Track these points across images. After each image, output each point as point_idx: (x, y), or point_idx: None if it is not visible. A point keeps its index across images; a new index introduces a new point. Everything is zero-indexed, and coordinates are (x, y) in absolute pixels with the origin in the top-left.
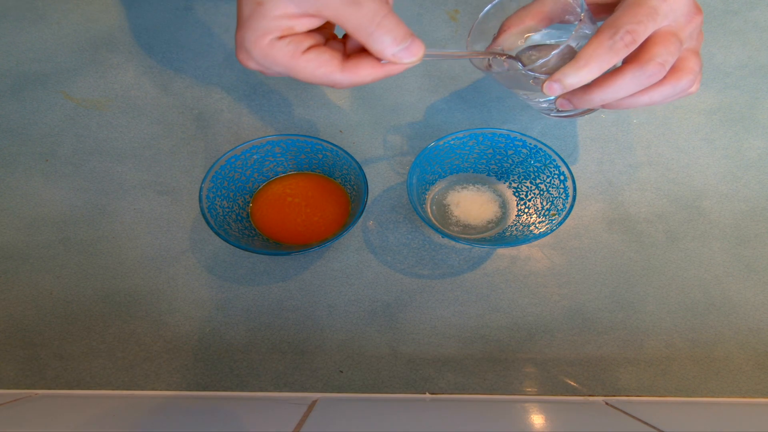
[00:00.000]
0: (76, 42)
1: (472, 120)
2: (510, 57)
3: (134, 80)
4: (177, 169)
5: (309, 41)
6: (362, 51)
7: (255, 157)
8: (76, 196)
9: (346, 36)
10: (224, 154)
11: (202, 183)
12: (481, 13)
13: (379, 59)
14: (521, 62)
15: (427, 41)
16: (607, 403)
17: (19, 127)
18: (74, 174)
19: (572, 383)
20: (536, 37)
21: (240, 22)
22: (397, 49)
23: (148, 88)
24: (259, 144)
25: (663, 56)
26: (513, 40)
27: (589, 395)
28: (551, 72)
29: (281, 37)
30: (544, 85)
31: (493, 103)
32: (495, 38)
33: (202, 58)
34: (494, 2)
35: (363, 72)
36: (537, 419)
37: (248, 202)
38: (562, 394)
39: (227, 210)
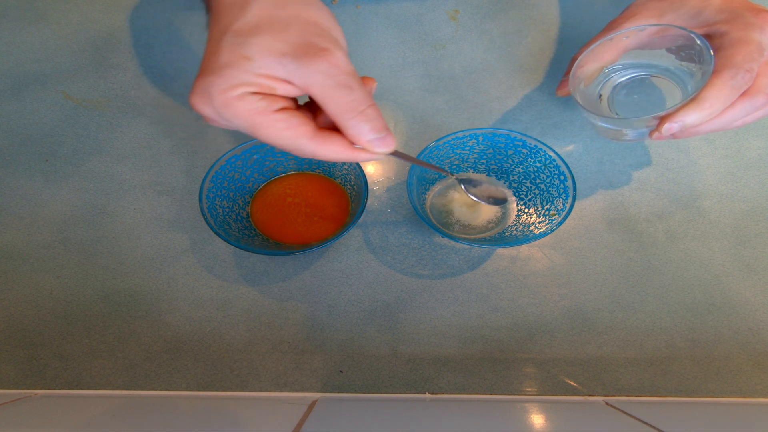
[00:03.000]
0: (76, 42)
1: (472, 120)
2: (456, 179)
3: (134, 80)
4: (177, 169)
5: (283, 102)
6: (333, 128)
7: (255, 157)
8: (76, 196)
9: (316, 108)
10: (224, 154)
11: (202, 183)
12: (578, 60)
13: (351, 142)
14: (463, 184)
15: (427, 41)
16: (607, 403)
17: (19, 127)
18: (74, 174)
19: (572, 383)
20: (614, 74)
21: (209, 68)
22: (373, 137)
23: (148, 88)
24: (259, 144)
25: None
26: (590, 74)
27: (589, 395)
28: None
29: (255, 93)
30: (664, 126)
31: (493, 103)
32: (569, 71)
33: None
34: (591, 48)
35: (332, 148)
36: (537, 419)
37: (248, 202)
38: (562, 394)
39: (227, 210)
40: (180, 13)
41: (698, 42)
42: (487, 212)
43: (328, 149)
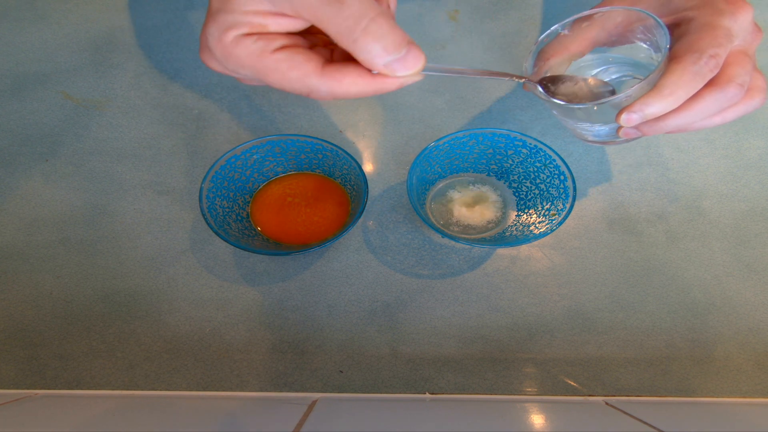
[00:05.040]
0: (76, 42)
1: (472, 120)
2: (532, 81)
3: (134, 80)
4: (177, 169)
5: (282, 41)
6: (351, 59)
7: (255, 157)
8: (76, 196)
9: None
10: (224, 154)
11: (202, 183)
12: (537, 42)
13: (369, 70)
14: (543, 88)
15: (427, 41)
16: (607, 403)
17: (19, 127)
18: (74, 174)
19: (572, 383)
20: (583, 64)
21: (207, 17)
22: (389, 59)
23: (148, 88)
24: (259, 144)
25: (741, 77)
26: (556, 68)
27: (589, 395)
28: (587, 98)
29: (248, 35)
30: (622, 116)
31: (493, 103)
32: (537, 64)
33: None
34: (549, 31)
35: (347, 80)
36: (537, 419)
37: (248, 202)
38: (562, 394)
39: (227, 210)
40: (180, 13)
41: (654, 22)
42: (487, 212)
43: (345, 84)
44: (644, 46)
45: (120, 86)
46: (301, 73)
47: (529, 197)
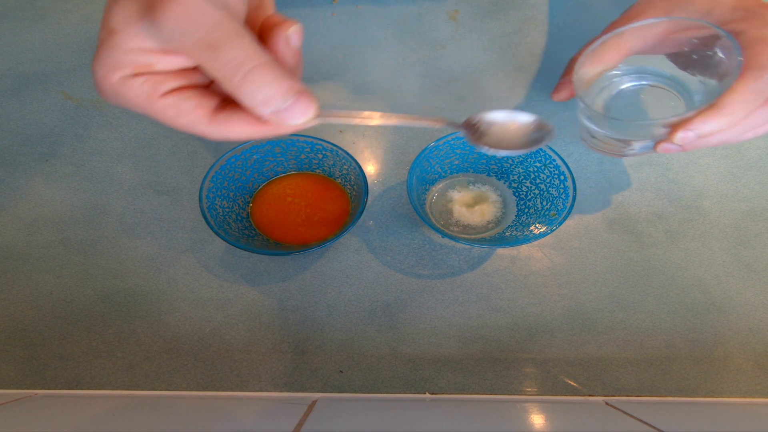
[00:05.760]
0: (76, 42)
1: None
2: (461, 128)
3: None
4: (177, 169)
5: (172, 82)
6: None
7: (255, 157)
8: (76, 196)
9: None
10: (224, 154)
11: (202, 183)
12: (587, 50)
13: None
14: (470, 133)
15: (427, 41)
16: (607, 403)
17: (19, 127)
18: (74, 174)
19: (572, 383)
20: (614, 77)
21: (96, 50)
22: (274, 109)
23: None
24: (259, 144)
25: None
26: (589, 78)
27: (589, 395)
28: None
29: (136, 75)
30: (678, 135)
31: (493, 103)
32: (567, 74)
33: None
34: (601, 40)
35: (237, 128)
36: (537, 419)
37: (248, 202)
38: (562, 394)
39: (227, 210)
40: None
41: (723, 38)
42: (487, 212)
43: (234, 131)
44: (668, 62)
45: None
46: (189, 121)
47: (529, 197)
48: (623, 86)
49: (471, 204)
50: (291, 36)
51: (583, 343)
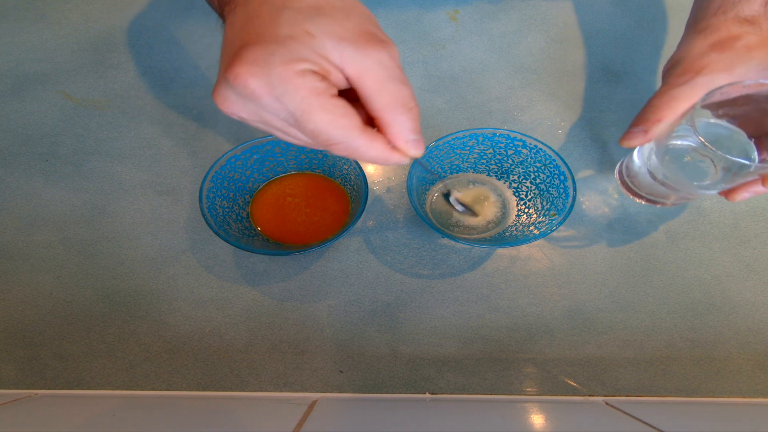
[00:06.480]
0: (76, 42)
1: (472, 120)
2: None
3: (134, 80)
4: (177, 169)
5: (335, 89)
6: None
7: (255, 157)
8: (76, 196)
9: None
10: (224, 154)
11: (202, 183)
12: (699, 102)
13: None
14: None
15: (427, 41)
16: (607, 403)
17: (19, 127)
18: (74, 174)
19: (572, 383)
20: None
21: (266, 37)
22: (412, 138)
23: (148, 88)
24: (259, 144)
25: None
26: (666, 129)
27: (589, 395)
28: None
29: (316, 72)
30: None
31: (493, 103)
32: (640, 123)
33: (202, 58)
34: (708, 93)
35: (376, 145)
36: (537, 419)
37: (248, 202)
38: (562, 394)
39: (227, 210)
40: (180, 13)
41: None
42: (487, 212)
43: (373, 147)
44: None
45: (120, 86)
46: (349, 124)
47: (529, 197)
48: (676, 142)
49: (471, 204)
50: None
51: (583, 343)
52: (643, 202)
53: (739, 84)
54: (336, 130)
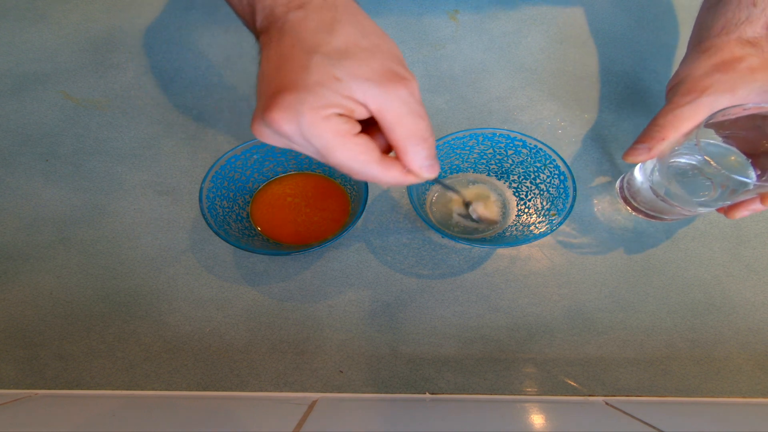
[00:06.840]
0: (76, 42)
1: (472, 120)
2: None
3: (134, 80)
4: (177, 169)
5: (358, 126)
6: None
7: (255, 157)
8: (76, 196)
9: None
10: (224, 154)
11: (202, 183)
12: (705, 121)
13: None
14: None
15: (427, 41)
16: (607, 403)
17: (19, 127)
18: (74, 174)
19: (572, 383)
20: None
21: (297, 84)
22: (427, 164)
23: (148, 88)
24: (259, 144)
25: None
26: (670, 146)
27: (589, 395)
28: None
29: (341, 115)
30: None
31: (493, 103)
32: (645, 140)
33: (202, 58)
34: (711, 114)
35: (392, 173)
36: (537, 419)
37: (248, 202)
38: (562, 394)
39: (227, 210)
40: (180, 13)
41: None
42: (487, 212)
43: (389, 174)
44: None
45: (120, 86)
46: (367, 159)
47: (529, 197)
48: (679, 160)
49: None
50: None
51: (583, 343)
52: (642, 217)
53: (740, 107)
54: (356, 164)
